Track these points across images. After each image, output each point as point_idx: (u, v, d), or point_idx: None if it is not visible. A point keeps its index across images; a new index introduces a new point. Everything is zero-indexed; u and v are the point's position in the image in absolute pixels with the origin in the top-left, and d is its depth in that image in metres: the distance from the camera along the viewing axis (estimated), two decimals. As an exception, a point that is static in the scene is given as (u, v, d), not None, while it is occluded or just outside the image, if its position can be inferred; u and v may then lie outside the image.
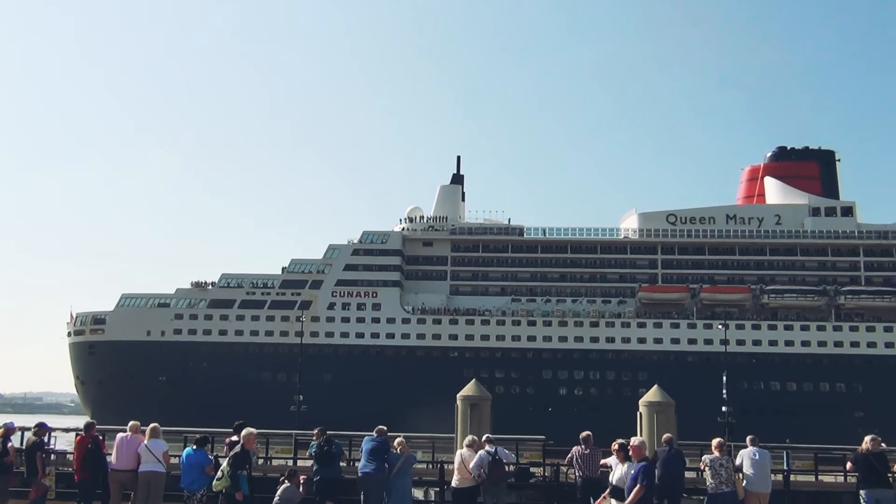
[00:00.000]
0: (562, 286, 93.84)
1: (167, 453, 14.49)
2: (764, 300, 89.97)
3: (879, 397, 79.89)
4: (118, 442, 14.63)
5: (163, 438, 14.67)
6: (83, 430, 15.43)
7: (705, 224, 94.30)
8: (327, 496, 14.70)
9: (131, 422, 15.09)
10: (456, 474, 13.80)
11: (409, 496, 14.41)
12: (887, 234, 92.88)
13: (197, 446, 14.45)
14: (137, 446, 14.29)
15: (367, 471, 14.34)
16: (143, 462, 14.11)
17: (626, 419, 25.29)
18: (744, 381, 79.72)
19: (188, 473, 14.03)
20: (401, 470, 13.99)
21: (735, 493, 14.15)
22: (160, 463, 14.11)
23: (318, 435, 15.40)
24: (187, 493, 13.91)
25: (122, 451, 14.43)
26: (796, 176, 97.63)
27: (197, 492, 13.91)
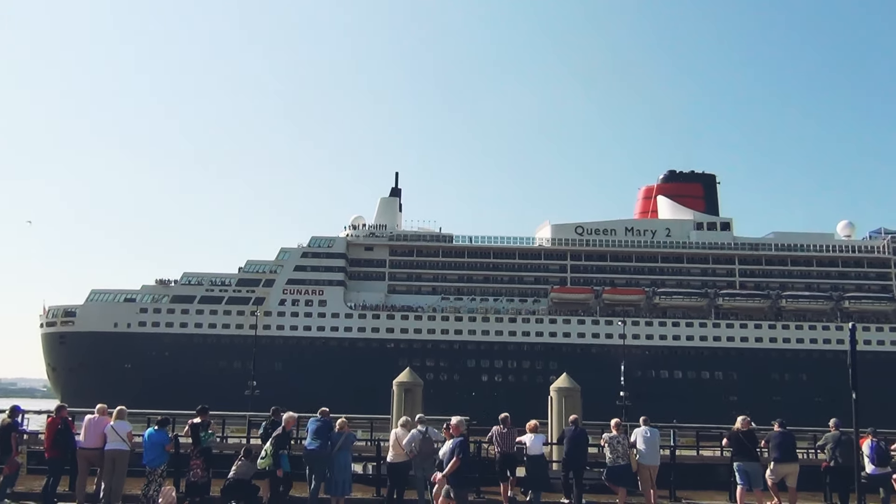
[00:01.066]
0: (485, 287, 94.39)
1: (131, 433, 14.07)
2: (656, 301, 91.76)
3: (750, 384, 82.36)
4: (86, 423, 14.19)
5: (127, 420, 14.24)
6: (54, 413, 14.87)
7: (608, 235, 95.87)
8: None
9: (99, 405, 14.63)
10: (391, 451, 13.73)
11: (349, 469, 14.30)
12: (758, 246, 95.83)
13: (158, 427, 14.08)
14: (104, 427, 13.84)
15: (312, 448, 14.24)
16: (109, 441, 13.68)
17: (539, 403, 25.50)
18: (638, 369, 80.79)
19: (150, 451, 13.67)
20: (342, 446, 13.86)
21: (629, 465, 14.39)
22: (125, 442, 13.69)
23: (273, 414, 15.24)
24: (149, 469, 13.55)
25: (90, 431, 13.99)
26: (684, 195, 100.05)
27: (158, 468, 13.58)
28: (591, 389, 28.62)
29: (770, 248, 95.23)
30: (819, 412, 20.86)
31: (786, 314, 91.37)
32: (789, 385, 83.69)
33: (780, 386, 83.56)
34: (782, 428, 15.26)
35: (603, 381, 67.08)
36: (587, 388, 23.71)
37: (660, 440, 15.66)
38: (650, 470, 14.66)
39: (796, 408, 61.40)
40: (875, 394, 65.46)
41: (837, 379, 12.06)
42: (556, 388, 21.89)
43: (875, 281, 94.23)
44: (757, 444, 15.26)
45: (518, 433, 15.24)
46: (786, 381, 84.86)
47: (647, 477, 14.62)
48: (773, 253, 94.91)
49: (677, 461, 19.38)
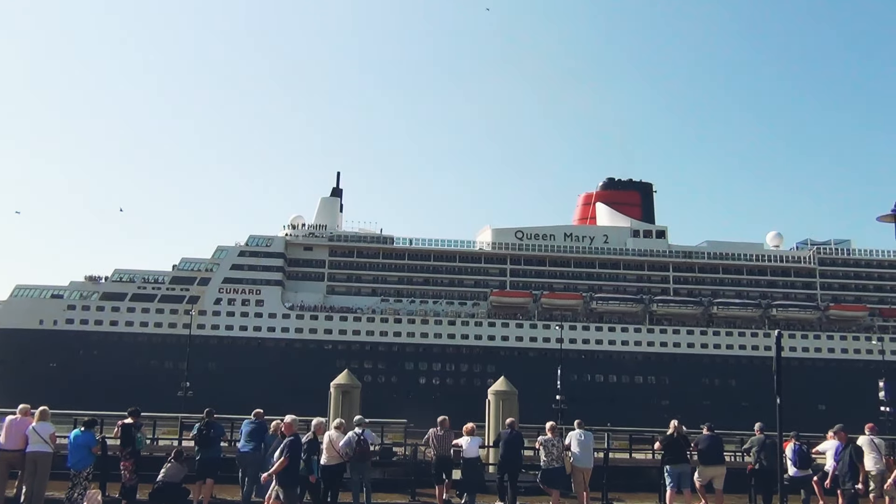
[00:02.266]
0: (425, 289, 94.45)
1: (54, 435, 13.56)
2: (593, 306, 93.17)
3: (682, 388, 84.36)
4: (7, 424, 13.59)
5: (51, 421, 13.73)
6: (-28, 413, 14.25)
7: (547, 240, 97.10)
8: (207, 474, 14.30)
9: (21, 405, 14.06)
10: (324, 453, 13.63)
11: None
12: (691, 254, 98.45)
13: (85, 428, 13.63)
14: (25, 428, 13.31)
15: (245, 450, 14.08)
16: (31, 443, 13.14)
17: (476, 406, 25.65)
18: (574, 373, 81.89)
19: (75, 453, 13.22)
20: (276, 449, 13.70)
21: (563, 468, 14.59)
22: (47, 444, 13.18)
23: (206, 415, 14.94)
24: (73, 471, 13.11)
25: (11, 433, 13.41)
26: (621, 203, 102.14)
27: (83, 470, 13.14)
28: (528, 393, 28.95)
29: (703, 257, 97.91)
30: (746, 416, 21.60)
31: (717, 321, 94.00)
32: (719, 390, 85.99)
33: (710, 390, 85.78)
34: (711, 432, 15.70)
35: (540, 385, 67.80)
36: (525, 391, 23.96)
37: (593, 443, 15.94)
38: (583, 472, 14.89)
39: (725, 412, 63.03)
40: (800, 398, 68.39)
41: (764, 384, 12.51)
42: (494, 392, 22.04)
43: (801, 290, 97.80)
44: (688, 447, 15.67)
45: (455, 436, 15.31)
46: (715, 386, 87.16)
47: (581, 479, 14.85)
48: (705, 261, 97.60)
49: (610, 464, 19.77)
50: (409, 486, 16.97)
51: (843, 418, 32.06)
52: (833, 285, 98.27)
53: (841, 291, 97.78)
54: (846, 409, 63.12)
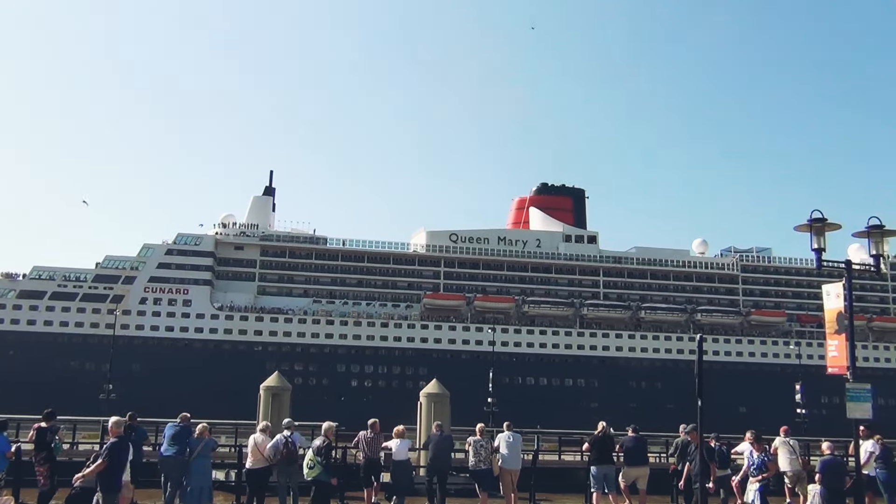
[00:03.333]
0: (358, 291, 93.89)
1: (-36, 439, 12.99)
2: (525, 309, 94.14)
3: (610, 391, 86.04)
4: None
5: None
6: None
7: (481, 244, 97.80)
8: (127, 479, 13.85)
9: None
10: (250, 456, 13.45)
11: (208, 477, 13.85)
12: (621, 259, 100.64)
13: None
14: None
15: (167, 454, 13.75)
16: (-62, 448, 12.57)
17: (408, 408, 25.68)
18: (506, 376, 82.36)
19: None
20: (200, 453, 13.42)
21: (491, 469, 14.76)
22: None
23: (128, 419, 14.51)
24: (-15, 477, 12.56)
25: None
26: (554, 208, 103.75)
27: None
28: (460, 395, 29.09)
29: (632, 262, 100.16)
30: (671, 418, 22.25)
31: (644, 325, 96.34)
32: (645, 392, 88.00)
33: (637, 393, 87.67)
34: (636, 433, 16.12)
35: (472, 387, 68.12)
36: (456, 393, 24.10)
37: (522, 445, 16.17)
38: (511, 474, 15.08)
39: (651, 414, 64.46)
40: (722, 401, 70.61)
41: (689, 387, 12.96)
42: (426, 394, 22.12)
43: (724, 296, 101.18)
44: (614, 448, 16.05)
45: (385, 438, 15.30)
46: (642, 389, 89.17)
47: (509, 481, 15.04)
48: (634, 266, 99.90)
49: (539, 465, 20.08)
50: (338, 489, 16.87)
51: (762, 420, 33.36)
52: (754, 291, 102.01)
53: (762, 298, 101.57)
54: (765, 411, 65.93)
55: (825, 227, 12.33)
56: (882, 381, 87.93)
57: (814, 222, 12.29)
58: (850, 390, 12.53)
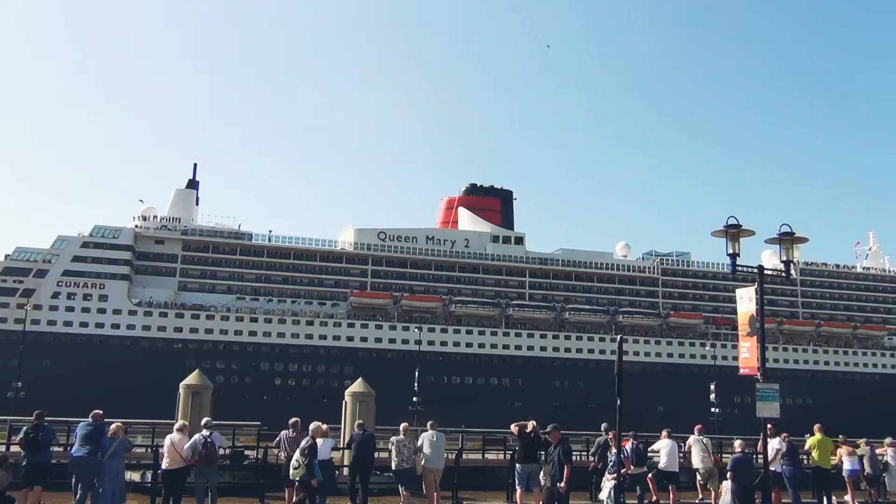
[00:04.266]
0: (284, 288, 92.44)
1: None
2: (452, 309, 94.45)
3: (534, 390, 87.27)
4: None
5: None
6: None
7: (410, 242, 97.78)
8: (35, 481, 13.31)
9: None
10: (166, 457, 13.08)
11: (121, 478, 13.40)
12: (547, 261, 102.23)
13: None
14: None
15: (78, 455, 13.23)
16: None
17: (333, 407, 25.51)
18: (432, 375, 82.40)
19: None
20: (113, 453, 12.98)
21: (414, 469, 14.78)
22: None
23: (36, 418, 13.92)
24: None
25: None
26: (483, 209, 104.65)
27: None
28: (386, 394, 29.06)
29: (557, 264, 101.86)
30: (593, 417, 22.75)
31: (568, 326, 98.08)
32: (568, 392, 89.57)
33: (560, 392, 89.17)
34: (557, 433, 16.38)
35: (398, 386, 68.22)
36: (382, 392, 24.06)
37: (445, 444, 16.25)
38: (434, 473, 15.13)
39: (573, 413, 65.58)
40: (641, 400, 72.43)
41: (610, 386, 13.28)
42: (351, 393, 22.03)
43: (645, 298, 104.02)
44: (540, 448, 16.27)
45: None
46: (565, 388, 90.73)
47: (431, 480, 15.09)
48: (559, 268, 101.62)
49: (463, 464, 20.21)
50: (259, 489, 16.63)
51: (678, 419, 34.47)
52: (673, 294, 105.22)
53: (680, 300, 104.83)
54: (682, 409, 67.99)
55: (740, 233, 12.83)
56: (790, 381, 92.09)
57: (729, 228, 12.78)
58: (759, 390, 13.07)
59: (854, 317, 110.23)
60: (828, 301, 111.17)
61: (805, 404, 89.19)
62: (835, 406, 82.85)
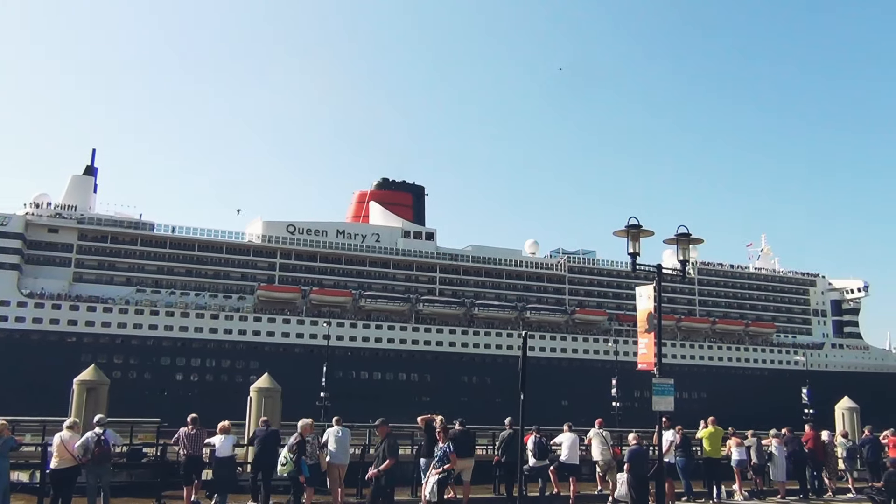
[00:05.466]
0: (187, 280, 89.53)
1: None
2: (362, 303, 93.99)
3: (443, 385, 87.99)
4: None
5: None
6: None
7: (320, 236, 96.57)
8: None
9: None
10: (55, 456, 12.53)
11: (5, 478, 12.75)
12: (457, 257, 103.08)
13: None
14: None
15: (-42, 455, 12.48)
16: None
17: (238, 403, 25.00)
18: (340, 370, 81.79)
19: None
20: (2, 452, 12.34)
21: (318, 465, 14.67)
22: None
23: None
24: None
25: None
26: (394, 203, 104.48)
27: None
28: (293, 390, 28.66)
29: (467, 260, 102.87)
30: (500, 411, 23.13)
31: (477, 321, 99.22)
32: (476, 387, 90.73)
33: (469, 387, 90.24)
34: (462, 427, 16.62)
35: (305, 382, 67.23)
36: (289, 388, 23.73)
37: (351, 440, 16.20)
38: (339, 468, 15.08)
39: (481, 408, 66.25)
40: (547, 394, 74.27)
41: (516, 382, 13.58)
42: (257, 389, 21.67)
43: (552, 294, 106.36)
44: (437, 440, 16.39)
45: (208, 434, 14.79)
46: (473, 384, 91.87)
47: (336, 476, 15.02)
48: (469, 264, 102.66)
49: (369, 459, 20.12)
50: (156, 488, 16.12)
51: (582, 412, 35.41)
52: (579, 291, 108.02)
53: (586, 297, 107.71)
54: (586, 404, 69.92)
55: (640, 233, 13.31)
56: (687, 376, 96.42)
57: (630, 228, 13.24)
58: (655, 385, 13.61)
59: (746, 315, 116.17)
60: (722, 300, 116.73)
61: (700, 398, 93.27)
62: (728, 399, 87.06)
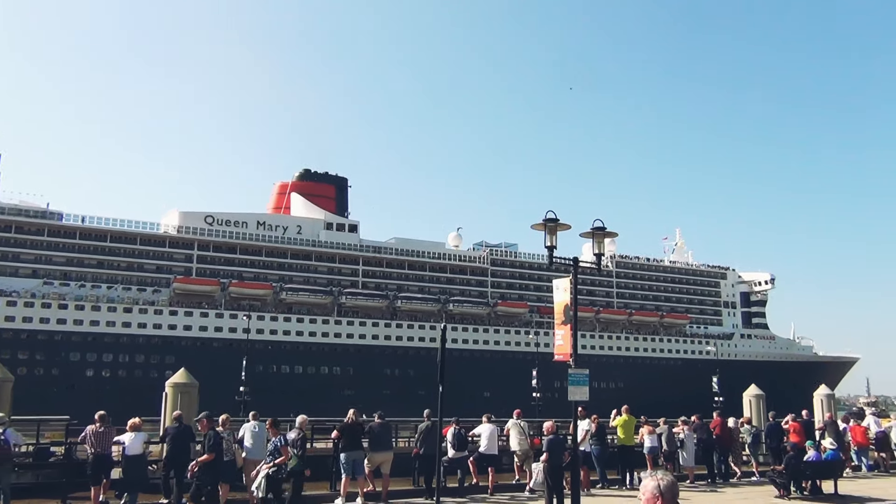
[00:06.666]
0: (99, 272, 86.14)
1: None
2: (283, 296, 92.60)
3: (365, 378, 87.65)
4: None
5: None
6: None
7: (239, 227, 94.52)
8: None
9: None
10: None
11: None
12: (381, 249, 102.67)
13: None
14: None
15: None
16: None
17: (153, 399, 24.32)
18: (260, 364, 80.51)
19: None
20: None
21: (234, 461, 14.43)
22: None
23: None
24: None
25: None
26: (317, 195, 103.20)
27: None
28: (211, 385, 28.06)
29: (391, 252, 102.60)
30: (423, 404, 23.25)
31: (401, 314, 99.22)
32: (399, 379, 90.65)
33: (391, 380, 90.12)
34: (381, 420, 16.63)
35: (224, 377, 65.94)
36: (207, 383, 23.22)
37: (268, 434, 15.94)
38: (255, 464, 14.84)
39: (403, 400, 66.38)
40: (470, 386, 74.91)
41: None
42: (172, 384, 21.11)
43: (475, 287, 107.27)
44: (362, 435, 16.41)
45: (117, 432, 14.33)
46: (396, 376, 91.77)
47: (253, 472, 14.78)
48: (392, 257, 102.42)
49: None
50: (62, 489, 15.51)
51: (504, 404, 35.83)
52: (501, 284, 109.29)
53: (508, 290, 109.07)
54: (507, 395, 70.74)
55: (557, 226, 13.55)
56: (605, 366, 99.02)
57: (547, 222, 13.47)
58: (571, 375, 13.91)
59: (662, 306, 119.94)
60: (639, 292, 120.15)
61: (617, 387, 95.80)
62: (643, 389, 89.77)
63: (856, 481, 20.84)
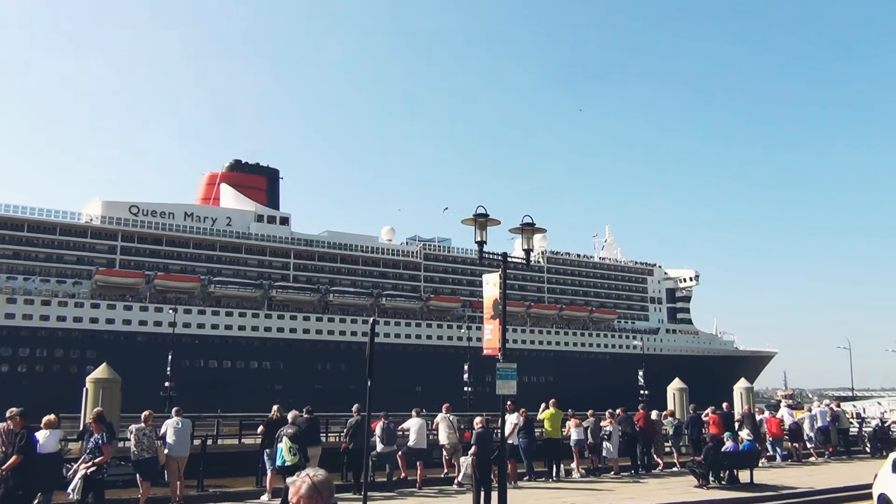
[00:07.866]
0: (14, 263, 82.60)
1: None
2: (211, 289, 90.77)
3: (296, 373, 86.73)
4: None
5: None
6: None
7: (166, 218, 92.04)
8: None
9: None
10: None
11: None
12: (313, 243, 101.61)
13: None
14: None
15: None
16: None
17: (73, 395, 23.53)
18: (187, 359, 78.88)
19: None
20: None
21: (156, 458, 14.10)
22: None
23: None
24: None
25: None
26: (247, 186, 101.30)
27: None
28: (135, 380, 27.37)
29: (323, 246, 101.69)
30: (353, 398, 23.06)
31: (332, 308, 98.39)
32: (330, 374, 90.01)
33: (322, 375, 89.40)
34: (309, 414, 16.52)
35: (149, 372, 64.46)
36: (130, 378, 22.67)
37: (191, 430, 15.69)
38: (178, 461, 14.61)
39: (334, 395, 65.93)
40: (402, 380, 74.89)
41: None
42: (94, 380, 20.54)
43: (408, 282, 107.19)
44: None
45: (33, 429, 13.77)
46: (327, 371, 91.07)
47: (175, 469, 14.52)
48: (325, 250, 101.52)
49: (215, 450, 19.58)
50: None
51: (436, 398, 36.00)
52: (434, 279, 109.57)
53: (440, 284, 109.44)
54: (439, 389, 71.17)
55: (487, 222, 13.67)
56: (536, 361, 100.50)
57: (477, 217, 13.57)
58: (499, 369, 14.07)
59: (591, 302, 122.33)
60: (570, 287, 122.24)
61: (547, 381, 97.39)
62: (573, 382, 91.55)
63: (770, 470, 21.73)
